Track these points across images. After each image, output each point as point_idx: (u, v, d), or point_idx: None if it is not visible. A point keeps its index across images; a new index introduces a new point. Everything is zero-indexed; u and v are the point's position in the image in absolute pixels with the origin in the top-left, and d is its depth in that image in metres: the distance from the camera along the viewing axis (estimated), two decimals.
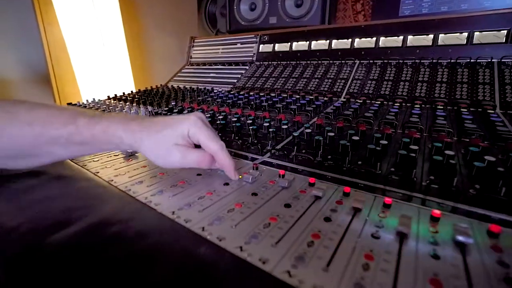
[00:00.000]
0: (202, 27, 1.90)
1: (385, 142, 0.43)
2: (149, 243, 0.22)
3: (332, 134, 0.48)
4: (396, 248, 0.22)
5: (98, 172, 0.38)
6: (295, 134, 0.48)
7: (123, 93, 1.13)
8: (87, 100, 1.01)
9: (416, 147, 0.40)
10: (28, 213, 0.28)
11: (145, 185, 0.34)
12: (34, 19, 1.65)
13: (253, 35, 1.21)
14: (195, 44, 1.45)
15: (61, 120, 0.32)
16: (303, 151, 0.44)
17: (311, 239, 0.23)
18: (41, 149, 0.32)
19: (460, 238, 0.23)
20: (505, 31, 0.72)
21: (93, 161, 0.43)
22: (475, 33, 0.76)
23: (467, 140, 0.46)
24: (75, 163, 0.43)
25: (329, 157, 0.41)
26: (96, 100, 1.04)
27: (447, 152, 0.38)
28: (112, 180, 0.35)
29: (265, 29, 1.21)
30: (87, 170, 0.40)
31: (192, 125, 0.33)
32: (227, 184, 0.34)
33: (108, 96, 1.10)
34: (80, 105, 0.93)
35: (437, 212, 0.27)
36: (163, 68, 2.03)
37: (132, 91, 1.18)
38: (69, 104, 0.99)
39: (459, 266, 0.20)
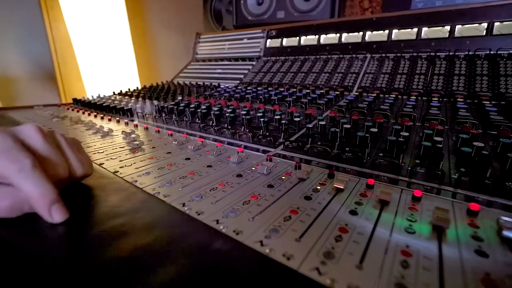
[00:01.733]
0: (207, 24, 1.88)
1: (406, 134, 0.41)
2: (158, 236, 0.20)
3: (348, 126, 0.45)
4: (435, 246, 0.20)
5: (103, 164, 0.36)
6: (309, 126, 0.45)
7: (129, 89, 1.12)
8: (92, 96, 1.00)
9: (440, 139, 0.38)
10: None
11: (153, 176, 0.32)
12: (40, 16, 1.64)
13: (260, 30, 1.18)
14: (200, 40, 1.43)
15: None
16: (318, 143, 0.41)
17: (338, 233, 0.21)
18: None
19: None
20: (484, 25, 0.69)
21: (98, 153, 0.41)
22: (495, 23, 0.73)
23: (495, 132, 0.43)
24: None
25: (347, 149, 0.38)
26: (102, 95, 1.02)
27: (475, 143, 0.35)
28: (118, 172, 0.33)
29: (272, 24, 1.18)
30: (93, 162, 0.38)
31: None
32: (240, 175, 0.32)
33: (114, 92, 1.09)
34: (85, 101, 0.92)
35: (475, 205, 0.24)
36: (168, 64, 2.02)
37: (137, 87, 1.17)
38: (74, 99, 0.97)
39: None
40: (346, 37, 0.96)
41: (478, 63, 0.70)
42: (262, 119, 0.49)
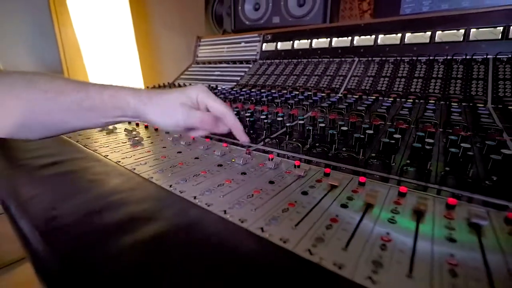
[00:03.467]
0: (209, 27, 1.95)
1: (370, 132, 0.46)
2: (149, 206, 0.27)
3: (323, 125, 0.51)
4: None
5: (107, 155, 0.43)
6: (288, 125, 0.51)
7: None
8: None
9: (399, 136, 0.43)
10: (50, 185, 0.33)
11: (148, 165, 0.38)
12: (50, 21, 1.73)
13: (256, 34, 1.25)
14: (201, 43, 1.50)
15: (74, 87, 0.33)
16: (294, 139, 0.47)
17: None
18: (54, 116, 0.33)
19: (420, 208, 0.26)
20: (501, 28, 0.74)
21: (103, 146, 0.48)
22: (472, 30, 0.78)
23: (451, 130, 0.48)
24: (88, 148, 0.47)
25: (317, 144, 0.44)
26: None
27: (427, 140, 0.41)
28: (120, 162, 0.40)
29: (268, 28, 1.24)
30: (98, 153, 0.44)
31: (200, 91, 0.36)
32: (220, 165, 0.38)
33: None
34: None
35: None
36: (171, 66, 2.09)
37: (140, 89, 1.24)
38: None
39: (412, 231, 0.24)
40: (336, 41, 1.02)
41: (454, 67, 0.76)
42: (247, 119, 0.55)
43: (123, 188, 0.31)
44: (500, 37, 0.74)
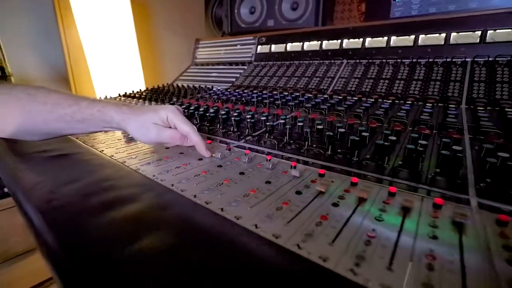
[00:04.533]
0: (209, 29, 2.00)
1: (342, 130, 0.51)
2: (135, 191, 0.31)
3: (301, 124, 0.55)
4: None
5: (103, 151, 0.48)
6: (268, 123, 0.56)
7: (132, 91, 1.24)
8: (100, 97, 1.13)
9: (366, 134, 0.48)
10: (52, 174, 0.38)
11: (138, 159, 0.43)
12: (55, 24, 1.80)
13: (252, 37, 1.29)
14: (199, 45, 1.55)
15: (68, 102, 0.41)
16: (272, 137, 0.52)
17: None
18: (51, 124, 0.42)
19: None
20: (479, 32, 0.77)
21: (100, 143, 0.53)
22: (452, 34, 0.82)
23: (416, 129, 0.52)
24: (86, 144, 0.52)
25: (291, 141, 0.49)
26: (108, 97, 1.15)
27: (390, 137, 0.45)
28: (113, 156, 0.45)
29: (263, 31, 1.29)
30: (95, 149, 0.49)
31: (170, 112, 0.43)
32: (201, 159, 0.43)
33: (119, 94, 1.21)
34: None
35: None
36: (172, 67, 2.15)
37: (140, 89, 1.29)
38: None
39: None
40: (326, 44, 1.06)
41: (434, 70, 0.79)
42: (233, 118, 0.60)
43: (113, 177, 0.36)
44: (478, 41, 0.77)
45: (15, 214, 1.28)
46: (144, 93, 1.15)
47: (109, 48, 1.85)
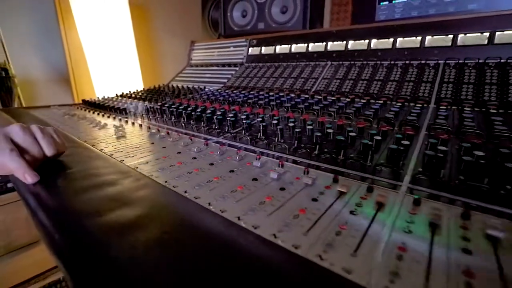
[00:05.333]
0: (206, 31, 2.06)
1: (310, 126, 0.56)
2: (118, 177, 0.37)
3: (276, 122, 0.61)
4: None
5: (93, 145, 0.54)
6: (246, 122, 0.61)
7: (129, 91, 1.30)
8: (98, 97, 1.19)
9: (330, 131, 0.53)
10: (47, 167, 0.43)
11: (124, 152, 0.49)
12: (56, 26, 1.86)
13: (244, 39, 1.34)
14: (194, 47, 1.60)
15: None
16: (247, 134, 0.57)
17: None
18: None
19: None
20: (451, 36, 0.82)
21: (93, 139, 0.59)
22: (427, 37, 0.86)
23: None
24: (79, 139, 0.58)
25: (263, 137, 0.54)
26: (106, 97, 1.21)
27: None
28: (103, 150, 0.50)
29: (254, 33, 1.34)
30: (87, 143, 0.55)
31: None
32: (180, 152, 0.48)
33: (116, 94, 1.27)
34: (91, 102, 1.11)
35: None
36: (170, 67, 2.21)
37: (137, 90, 1.35)
38: (83, 100, 1.16)
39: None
40: (312, 46, 1.11)
41: (409, 71, 0.84)
42: (215, 117, 0.65)
43: (101, 167, 0.41)
44: (450, 44, 0.82)
45: (18, 208, 1.34)
46: (140, 93, 1.21)
47: (109, 49, 1.91)
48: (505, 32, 0.75)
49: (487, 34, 0.77)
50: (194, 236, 0.25)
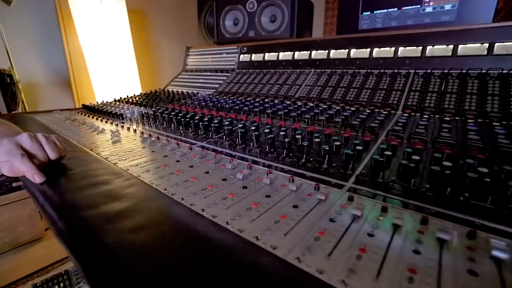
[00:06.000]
0: (202, 35, 2.13)
1: (283, 133, 0.63)
2: (112, 177, 0.44)
3: (254, 128, 0.68)
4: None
5: (92, 149, 0.61)
6: (228, 128, 0.68)
7: (127, 96, 1.38)
8: (97, 102, 1.26)
9: (299, 136, 0.60)
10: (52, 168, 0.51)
11: (118, 155, 0.56)
12: (58, 32, 1.94)
13: (235, 47, 1.42)
14: (190, 53, 1.67)
15: None
16: (227, 139, 0.64)
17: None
18: None
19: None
20: (421, 47, 0.89)
21: (92, 143, 0.66)
22: (400, 48, 0.94)
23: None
24: (79, 144, 0.66)
25: (241, 142, 0.61)
26: (105, 102, 1.28)
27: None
28: (99, 154, 0.58)
29: (245, 41, 1.41)
30: (86, 148, 0.62)
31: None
32: (166, 156, 0.56)
33: (115, 99, 1.35)
34: (90, 106, 1.18)
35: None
36: (168, 72, 2.28)
37: (134, 94, 1.43)
38: (83, 105, 1.24)
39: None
40: (298, 54, 1.18)
41: (383, 79, 0.91)
42: (201, 123, 0.73)
43: (98, 168, 0.49)
44: (420, 54, 0.89)
45: (22, 206, 1.42)
46: (137, 98, 1.28)
47: (108, 54, 1.99)
48: (467, 45, 0.82)
49: (451, 46, 0.84)
50: (168, 222, 0.33)
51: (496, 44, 0.77)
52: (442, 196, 0.36)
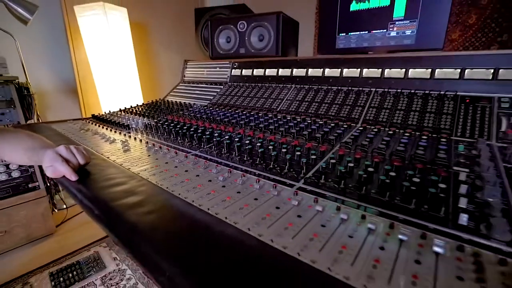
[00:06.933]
0: (199, 47, 2.30)
1: (259, 144, 0.80)
2: (127, 179, 0.61)
3: (237, 139, 0.85)
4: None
5: (108, 157, 0.78)
6: (217, 139, 0.85)
7: (131, 106, 1.54)
8: (104, 112, 1.43)
9: (271, 145, 0.77)
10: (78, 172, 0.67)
11: (130, 162, 0.73)
12: (66, 45, 2.11)
13: (228, 62, 1.59)
14: (187, 66, 1.84)
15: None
16: (215, 149, 0.81)
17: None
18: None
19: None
20: (380, 70, 1.06)
21: (106, 152, 0.83)
22: (364, 69, 1.11)
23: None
24: (97, 152, 0.82)
25: (226, 151, 0.78)
26: (111, 111, 1.45)
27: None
28: (115, 160, 0.74)
29: (237, 57, 1.58)
30: (104, 156, 0.79)
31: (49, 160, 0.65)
32: (156, 158, 0.72)
33: (120, 109, 1.52)
34: (99, 117, 1.35)
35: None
36: (168, 81, 2.46)
37: (137, 104, 1.59)
38: (93, 115, 1.40)
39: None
40: (281, 71, 1.35)
41: (349, 96, 1.08)
42: (195, 134, 0.89)
43: (115, 173, 0.65)
44: (379, 75, 1.07)
45: (37, 205, 1.59)
46: (140, 108, 1.45)
47: (112, 65, 2.15)
48: (415, 70, 0.99)
49: (404, 70, 1.01)
50: (169, 209, 0.49)
51: (437, 70, 0.95)
52: (363, 195, 0.53)
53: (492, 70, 0.85)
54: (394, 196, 0.51)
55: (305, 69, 1.27)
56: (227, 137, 0.88)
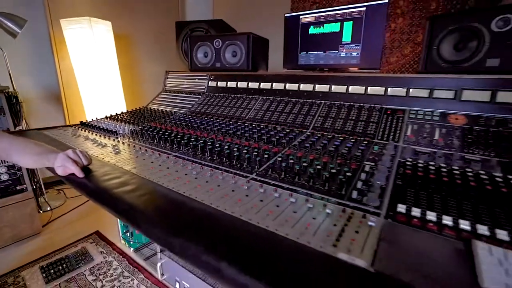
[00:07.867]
0: (179, 58, 2.49)
1: (226, 146, 1.00)
2: (120, 174, 0.79)
3: (210, 143, 1.05)
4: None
5: (103, 159, 0.95)
6: (192, 143, 1.05)
7: (116, 113, 1.70)
8: (92, 119, 1.58)
9: (235, 147, 0.98)
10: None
11: (123, 163, 0.91)
12: (51, 54, 2.22)
13: (205, 74, 1.79)
14: (169, 76, 2.02)
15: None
16: (191, 151, 1.01)
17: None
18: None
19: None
20: (328, 86, 1.31)
21: (100, 154, 1.00)
22: (316, 85, 1.35)
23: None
24: (96, 156, 0.99)
25: (200, 152, 0.98)
26: (98, 118, 1.60)
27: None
28: (109, 161, 0.92)
29: (213, 70, 1.79)
30: (99, 158, 0.96)
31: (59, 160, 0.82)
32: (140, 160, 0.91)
33: (106, 116, 1.67)
34: (88, 123, 1.50)
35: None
36: (148, 89, 2.61)
37: (122, 112, 1.75)
38: (81, 122, 1.55)
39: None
40: (251, 84, 1.57)
41: (304, 107, 1.32)
42: (175, 139, 1.09)
43: (109, 171, 0.83)
44: (327, 90, 1.31)
45: (24, 206, 1.69)
46: (125, 116, 1.61)
47: (96, 74, 2.29)
48: (354, 87, 1.24)
49: (345, 86, 1.27)
50: (156, 193, 0.69)
51: (369, 87, 1.21)
52: (293, 180, 0.75)
53: (405, 89, 1.12)
54: (315, 182, 0.73)
55: (271, 83, 1.50)
56: (201, 141, 1.08)
